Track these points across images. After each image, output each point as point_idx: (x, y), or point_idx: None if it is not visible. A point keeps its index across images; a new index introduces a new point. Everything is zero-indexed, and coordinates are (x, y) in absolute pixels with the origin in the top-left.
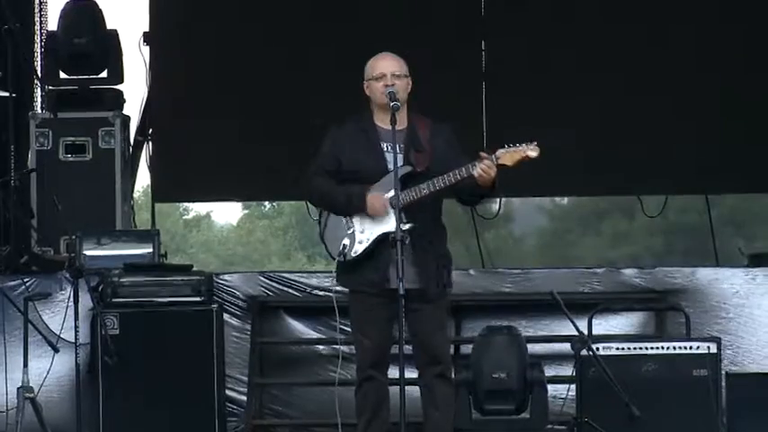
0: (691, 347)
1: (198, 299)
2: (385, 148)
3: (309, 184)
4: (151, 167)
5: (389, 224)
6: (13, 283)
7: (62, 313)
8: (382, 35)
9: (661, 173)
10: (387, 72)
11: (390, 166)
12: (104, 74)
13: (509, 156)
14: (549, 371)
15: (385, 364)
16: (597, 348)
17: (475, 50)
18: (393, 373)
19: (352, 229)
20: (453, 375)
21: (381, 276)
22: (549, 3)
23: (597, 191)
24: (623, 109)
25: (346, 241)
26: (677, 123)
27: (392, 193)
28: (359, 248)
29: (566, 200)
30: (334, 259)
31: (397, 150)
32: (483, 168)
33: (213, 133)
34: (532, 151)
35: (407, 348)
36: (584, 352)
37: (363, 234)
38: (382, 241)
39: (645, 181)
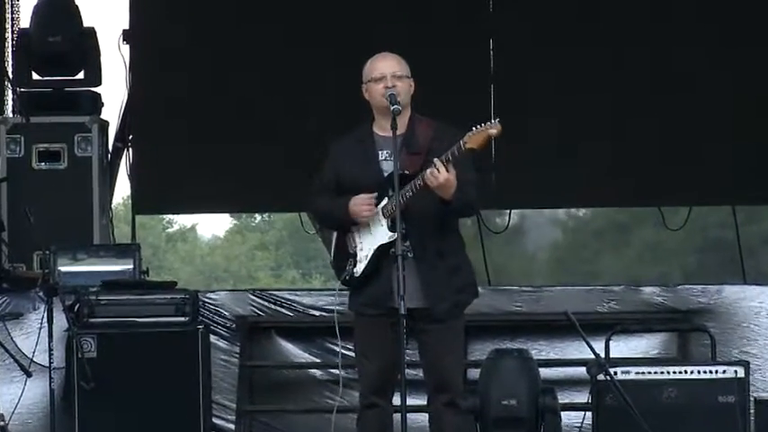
0: (716, 372)
1: (182, 319)
2: (381, 156)
3: (312, 206)
4: (131, 176)
5: (383, 235)
6: None
7: (35, 335)
8: (382, 34)
9: (684, 182)
10: (387, 73)
11: (386, 174)
12: (81, 75)
13: (474, 139)
14: (563, 397)
15: (389, 389)
16: (615, 373)
17: (482, 50)
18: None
19: (353, 249)
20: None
21: (383, 294)
22: None
23: (615, 201)
24: (643, 113)
25: (350, 262)
26: (702, 130)
27: (384, 201)
28: (360, 267)
29: (583, 212)
30: (343, 284)
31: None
32: (431, 171)
33: (199, 139)
34: (492, 128)
35: (419, 374)
36: (600, 377)
37: (362, 251)
38: (383, 256)
39: (666, 191)
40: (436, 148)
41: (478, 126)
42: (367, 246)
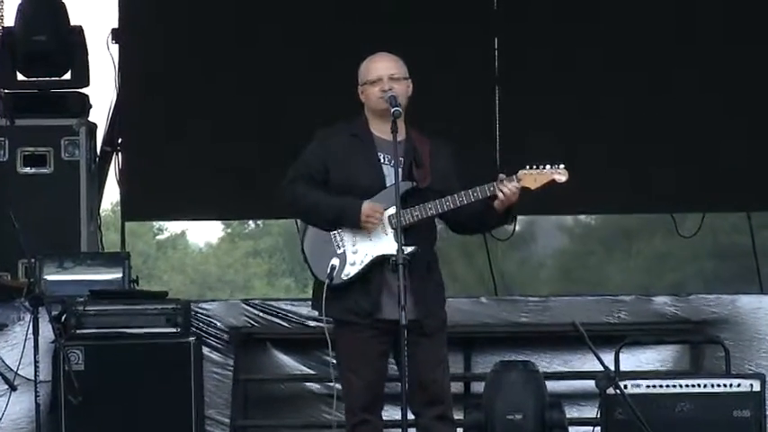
0: (731, 385)
1: (173, 330)
2: (381, 159)
3: (292, 190)
4: (120, 182)
5: (387, 245)
6: None
7: (20, 346)
8: (383, 33)
9: (697, 188)
10: (383, 75)
11: (389, 181)
12: (68, 76)
13: (532, 178)
14: (571, 412)
15: (379, 404)
16: (625, 386)
17: (487, 49)
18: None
19: (342, 249)
20: (462, 417)
21: (373, 304)
22: None
23: (625, 208)
24: (656, 115)
25: (335, 262)
26: (716, 133)
27: (392, 210)
28: (351, 271)
29: (590, 219)
30: (320, 281)
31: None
32: (510, 190)
33: (190, 143)
34: (560, 175)
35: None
36: (610, 390)
37: (356, 255)
38: (375, 264)
39: (679, 197)
40: (437, 162)
41: (540, 167)
42: (363, 250)
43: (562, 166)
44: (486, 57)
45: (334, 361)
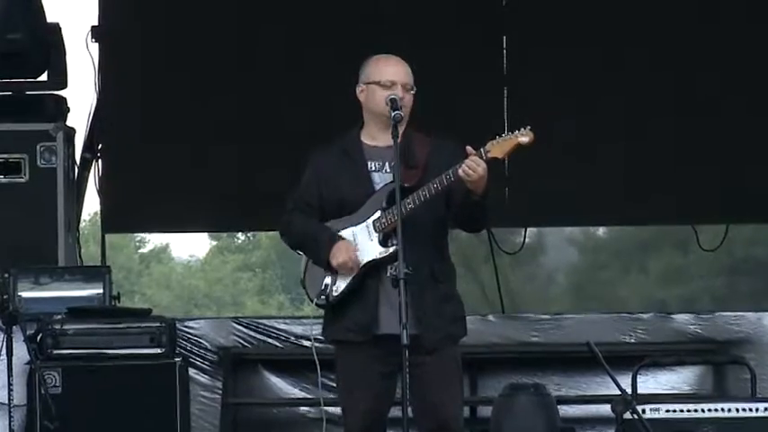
0: (757, 409)
1: (158, 350)
2: (372, 167)
3: (287, 223)
4: (101, 191)
5: (372, 250)
6: None
7: None
8: (386, 32)
9: (720, 197)
10: (398, 82)
11: (377, 188)
12: (44, 77)
13: (499, 147)
14: None
15: (381, 429)
16: (643, 411)
17: (494, 48)
18: None
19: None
20: None
21: (370, 318)
22: None
23: (643, 219)
24: (674, 120)
25: (328, 280)
26: (738, 139)
27: (377, 215)
28: (341, 285)
29: (600, 231)
30: (317, 306)
31: (387, 170)
32: (468, 165)
33: (175, 150)
34: (524, 137)
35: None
36: (627, 415)
37: None
38: (369, 274)
39: (700, 207)
40: (435, 163)
41: (504, 134)
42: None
43: (527, 127)
44: (495, 56)
45: (327, 383)
